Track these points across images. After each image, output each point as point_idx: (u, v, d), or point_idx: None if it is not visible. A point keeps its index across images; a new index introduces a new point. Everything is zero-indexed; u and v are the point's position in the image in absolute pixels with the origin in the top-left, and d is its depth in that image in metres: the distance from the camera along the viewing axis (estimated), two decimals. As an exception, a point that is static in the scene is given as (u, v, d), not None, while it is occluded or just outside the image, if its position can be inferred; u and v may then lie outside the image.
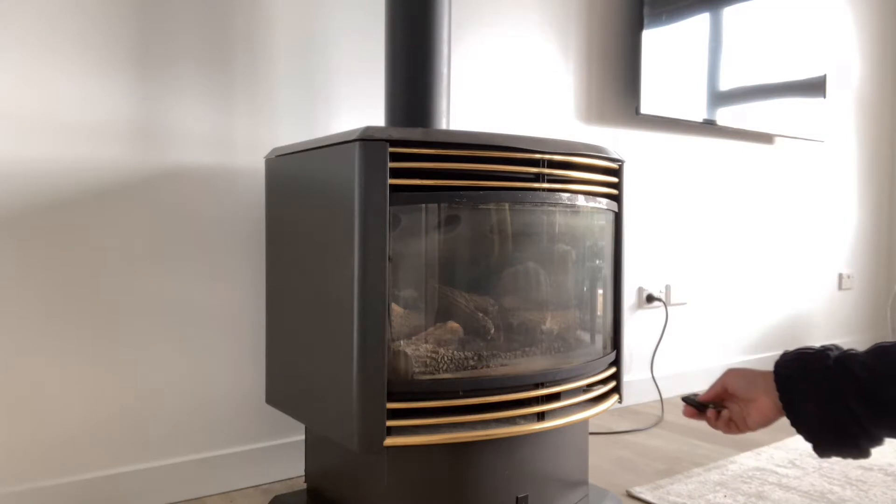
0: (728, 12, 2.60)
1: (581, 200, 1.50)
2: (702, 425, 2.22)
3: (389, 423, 1.29)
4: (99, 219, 1.52)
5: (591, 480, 1.77)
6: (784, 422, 0.99)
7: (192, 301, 1.63)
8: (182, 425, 1.63)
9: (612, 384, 1.61)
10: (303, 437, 1.77)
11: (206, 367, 1.66)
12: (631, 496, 1.69)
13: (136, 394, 1.57)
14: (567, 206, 1.50)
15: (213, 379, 1.67)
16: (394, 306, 1.38)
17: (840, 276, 3.29)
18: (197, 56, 1.62)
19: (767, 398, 1.00)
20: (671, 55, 2.42)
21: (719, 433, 2.14)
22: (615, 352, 1.63)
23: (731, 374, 1.06)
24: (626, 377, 2.44)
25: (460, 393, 1.35)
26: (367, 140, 1.26)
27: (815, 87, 2.97)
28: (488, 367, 1.42)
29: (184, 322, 1.62)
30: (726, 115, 2.63)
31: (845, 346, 0.97)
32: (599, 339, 1.63)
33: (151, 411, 1.59)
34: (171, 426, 1.62)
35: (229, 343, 1.69)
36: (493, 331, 1.49)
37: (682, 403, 1.13)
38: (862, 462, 1.89)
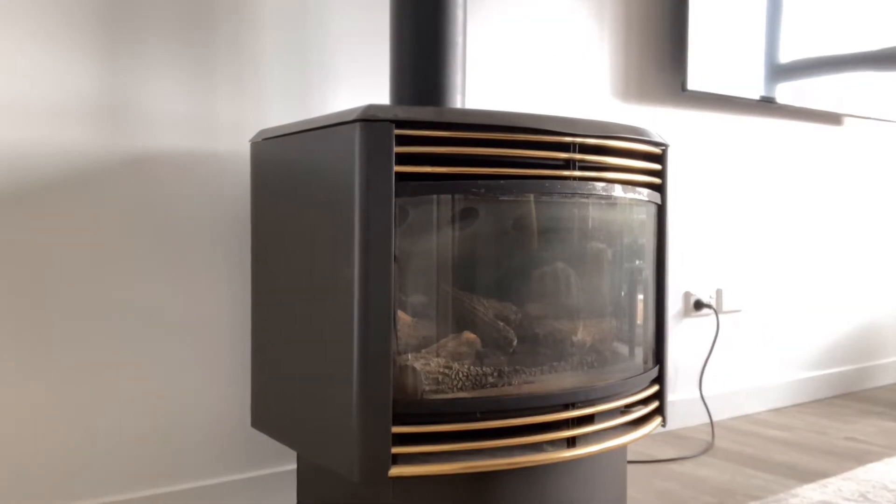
0: (789, -29, 2.59)
1: (618, 191, 1.49)
2: (758, 451, 2.20)
3: (395, 449, 1.29)
4: (53, 212, 1.52)
5: (629, 517, 1.77)
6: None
7: (164, 308, 1.63)
8: (150, 453, 1.64)
9: (654, 405, 1.61)
10: (294, 466, 1.77)
11: (179, 384, 1.66)
12: (676, 536, 1.69)
13: (96, 416, 1.58)
14: (602, 197, 1.49)
15: (189, 399, 1.67)
16: (400, 314, 1.38)
17: (920, 279, 3.27)
18: (172, 24, 1.62)
19: None
20: (723, 21, 2.40)
21: (779, 461, 2.13)
22: (658, 367, 1.63)
23: None
24: (671, 397, 2.43)
25: (478, 415, 1.35)
26: (369, 120, 1.26)
27: (891, 58, 2.95)
28: (510, 384, 1.42)
29: (154, 332, 1.63)
30: (787, 92, 2.61)
31: None
32: (639, 353, 1.62)
33: (113, 437, 1.60)
34: (137, 454, 1.62)
35: (208, 357, 1.69)
36: (515, 343, 1.48)
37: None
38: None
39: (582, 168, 1.43)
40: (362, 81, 1.85)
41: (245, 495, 1.72)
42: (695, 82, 2.33)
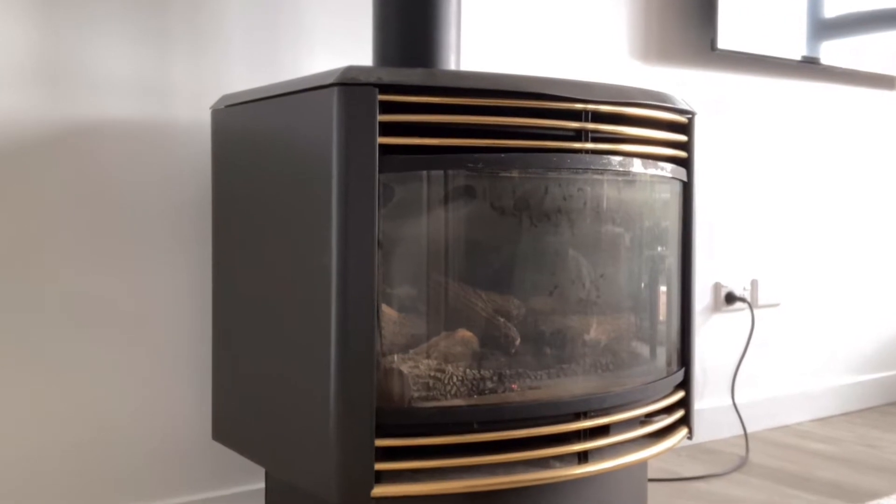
0: (837, -89, 2.59)
1: (637, 166, 1.50)
2: (798, 468, 2.21)
3: (379, 465, 1.29)
4: (-11, 192, 1.52)
5: (650, 543, 1.78)
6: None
7: (110, 301, 1.63)
8: (94, 469, 1.64)
9: (678, 413, 1.61)
10: (262, 484, 1.77)
11: (128, 390, 1.66)
12: (704, 564, 1.70)
13: (30, 427, 1.58)
14: (618, 173, 1.49)
15: (140, 406, 1.67)
16: (385, 308, 1.38)
17: None
18: (119, -28, 1.62)
19: None
20: (759, -30, 2.40)
21: (823, 479, 2.13)
22: (683, 370, 1.63)
23: None
24: (698, 404, 2.44)
25: (475, 426, 1.35)
26: (349, 84, 1.26)
27: (953, 12, 2.95)
28: (512, 390, 1.42)
29: (98, 330, 1.63)
30: (833, 52, 2.61)
31: None
32: (662, 354, 1.62)
33: (51, 451, 1.60)
34: (78, 471, 1.62)
35: (162, 358, 1.69)
36: (518, 342, 1.49)
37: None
38: None
39: (595, 139, 1.43)
40: (341, 40, 1.85)
41: (206, 519, 1.72)
42: (726, 40, 2.33)
